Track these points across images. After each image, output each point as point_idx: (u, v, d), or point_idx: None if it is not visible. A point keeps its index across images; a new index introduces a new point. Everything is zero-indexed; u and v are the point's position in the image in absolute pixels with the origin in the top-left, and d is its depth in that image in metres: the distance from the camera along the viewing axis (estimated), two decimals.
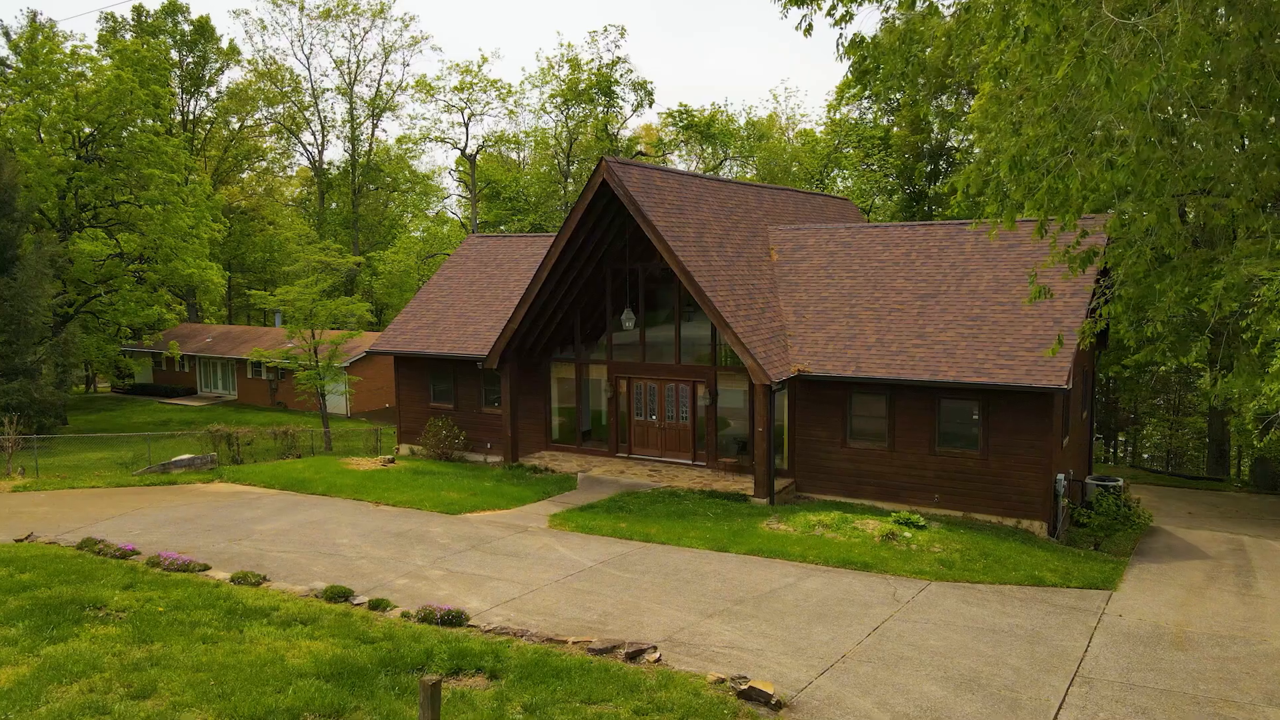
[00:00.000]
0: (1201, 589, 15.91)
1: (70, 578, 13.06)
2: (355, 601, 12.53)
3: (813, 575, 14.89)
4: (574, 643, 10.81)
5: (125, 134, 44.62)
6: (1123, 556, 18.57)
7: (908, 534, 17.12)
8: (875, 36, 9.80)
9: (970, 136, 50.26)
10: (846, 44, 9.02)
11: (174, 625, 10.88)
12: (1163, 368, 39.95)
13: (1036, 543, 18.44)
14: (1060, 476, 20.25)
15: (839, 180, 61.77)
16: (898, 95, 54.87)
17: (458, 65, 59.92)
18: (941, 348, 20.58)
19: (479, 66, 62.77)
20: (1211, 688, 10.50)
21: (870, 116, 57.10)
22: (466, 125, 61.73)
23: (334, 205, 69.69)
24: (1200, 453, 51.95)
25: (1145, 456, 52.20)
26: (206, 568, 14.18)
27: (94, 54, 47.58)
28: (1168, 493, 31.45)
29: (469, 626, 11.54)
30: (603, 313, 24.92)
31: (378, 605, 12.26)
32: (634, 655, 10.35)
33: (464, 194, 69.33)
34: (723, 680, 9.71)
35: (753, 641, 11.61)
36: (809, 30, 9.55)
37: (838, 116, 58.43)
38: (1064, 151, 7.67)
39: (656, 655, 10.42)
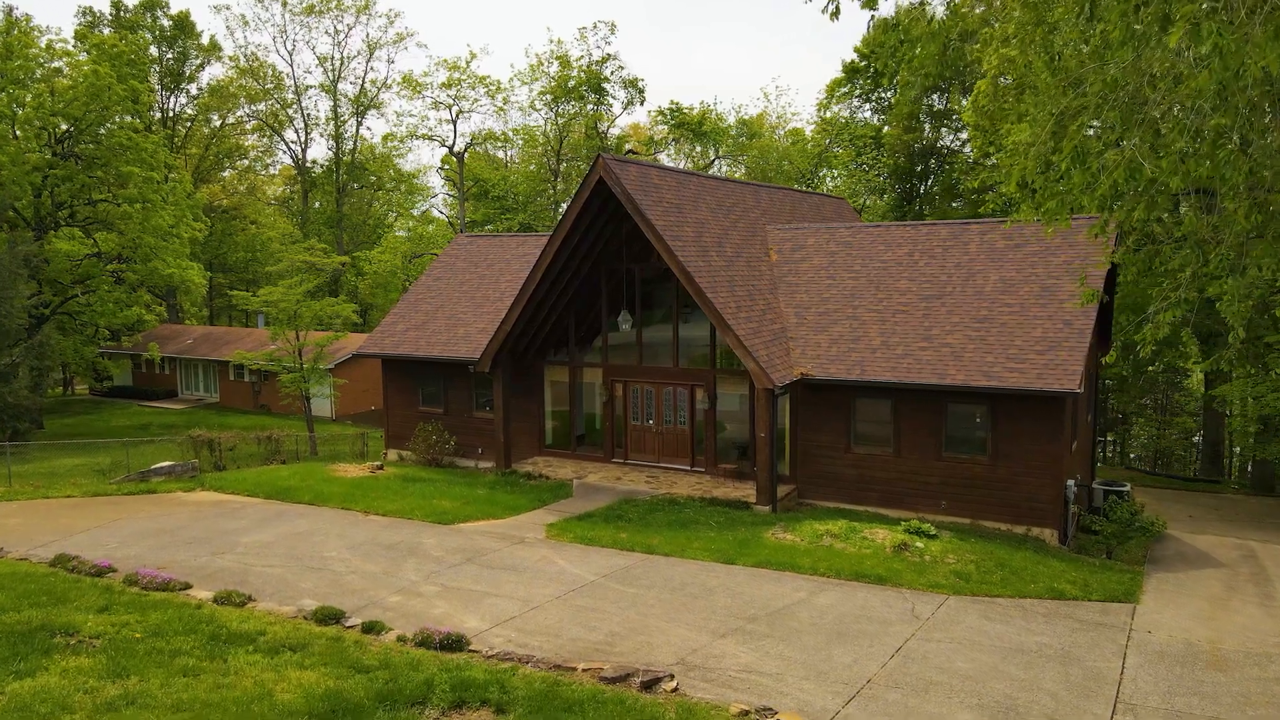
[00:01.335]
0: (1224, 601, 15.41)
1: (41, 599, 12.25)
2: (347, 624, 11.79)
3: (826, 589, 14.27)
4: (584, 670, 10.12)
5: (103, 131, 43.48)
6: (1137, 565, 18.07)
7: (920, 544, 16.53)
8: (908, 20, 9.12)
9: (963, 135, 49.97)
10: (875, 25, 8.34)
11: (152, 655, 10.09)
12: (1150, 368, 39.61)
13: (1049, 552, 17.90)
14: (1070, 482, 19.74)
15: (828, 180, 61.32)
16: (888, 93, 54.60)
17: (445, 61, 59.04)
18: (949, 350, 20.01)
19: (467, 63, 61.83)
20: (1261, 713, 9.94)
21: (862, 116, 56.68)
22: (454, 122, 60.60)
23: (317, 204, 68.59)
24: (1187, 453, 51.78)
25: (1132, 456, 52.00)
26: (188, 586, 13.39)
27: (70, 49, 46.40)
28: (1164, 495, 31.08)
29: (470, 651, 10.83)
30: (598, 314, 24.24)
31: (371, 628, 11.52)
32: (649, 684, 9.67)
33: (451, 193, 68.38)
34: (747, 712, 9.06)
35: (770, 664, 10.96)
36: (836, 14, 8.90)
37: (828, 115, 57.96)
38: (1122, 143, 7.04)
39: (674, 684, 9.75)
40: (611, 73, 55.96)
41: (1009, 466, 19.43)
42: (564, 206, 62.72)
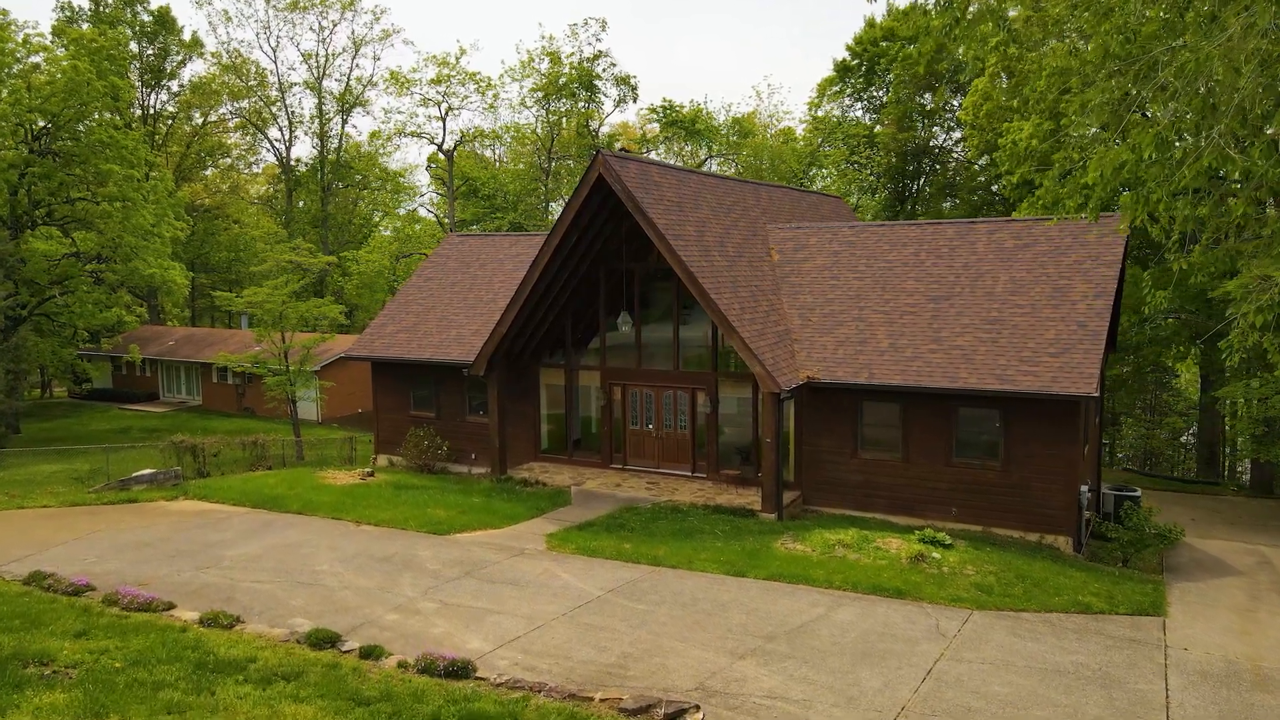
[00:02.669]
0: (1251, 612, 14.91)
1: (13, 623, 11.44)
2: (344, 648, 11.05)
3: (843, 604, 13.65)
4: (601, 700, 9.44)
5: (81, 127, 42.28)
6: (1153, 574, 17.57)
7: (936, 554, 15.94)
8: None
9: (955, 135, 49.64)
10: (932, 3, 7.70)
11: (134, 688, 9.31)
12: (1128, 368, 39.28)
13: (1066, 560, 17.37)
14: (1084, 488, 19.23)
15: (818, 180, 60.84)
16: (881, 91, 54.22)
17: (434, 57, 57.75)
18: (959, 353, 19.46)
19: (457, 59, 60.80)
20: None
21: (853, 115, 56.26)
22: (444, 119, 59.46)
23: (301, 204, 67.44)
24: (1175, 453, 51.59)
25: (1120, 456, 51.80)
26: (171, 606, 12.62)
27: (48, 43, 45.20)
28: (1164, 498, 30.67)
29: (477, 679, 10.12)
30: (595, 315, 23.55)
31: (370, 653, 10.79)
32: (674, 716, 9.01)
33: (439, 191, 67.42)
34: None
35: (796, 689, 10.32)
36: None
37: (820, 114, 57.50)
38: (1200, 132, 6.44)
39: (700, 716, 9.08)
40: (603, 70, 55.23)
41: (1022, 472, 18.89)
42: (555, 205, 61.99)
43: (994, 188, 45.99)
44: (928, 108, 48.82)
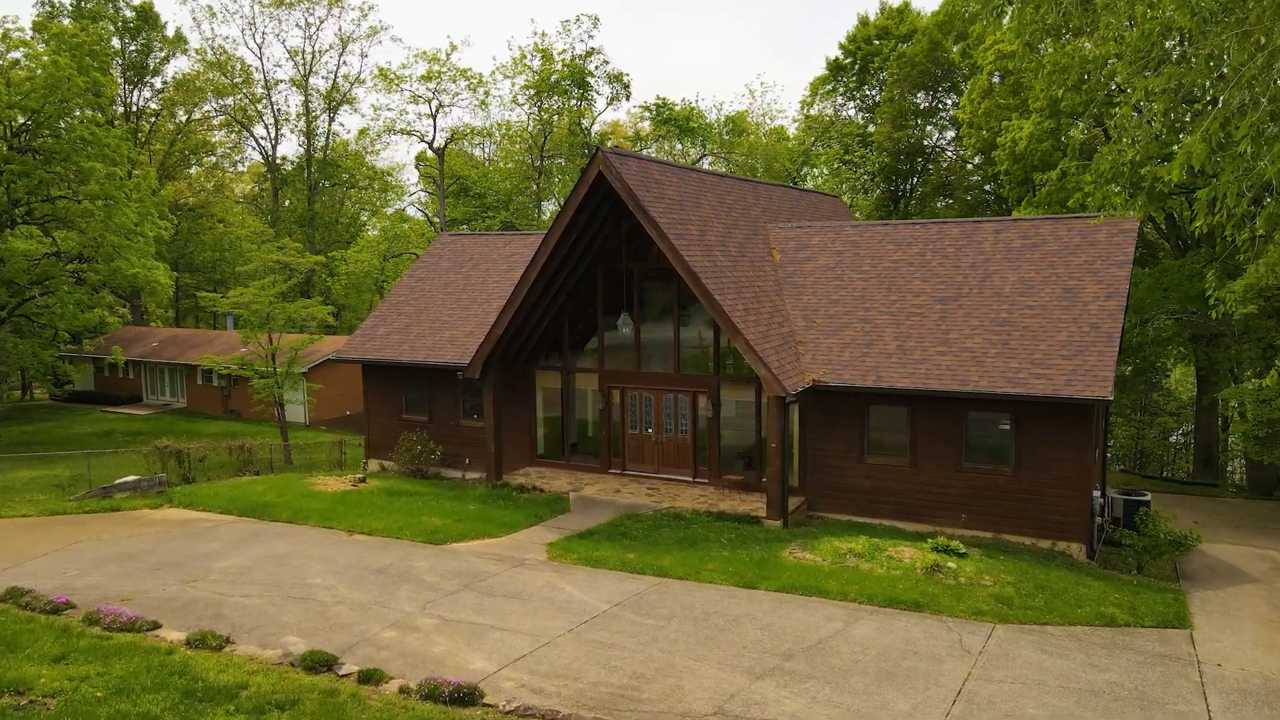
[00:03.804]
0: (1276, 623, 14.46)
1: None
2: (341, 671, 10.42)
3: (861, 618, 13.12)
4: None
5: (63, 124, 41.30)
6: (1170, 581, 17.15)
7: (951, 564, 15.43)
8: None
9: (949, 134, 49.34)
10: None
11: None
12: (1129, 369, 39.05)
13: (1081, 568, 16.92)
14: (1096, 493, 18.79)
15: (809, 179, 60.42)
16: (874, 90, 53.91)
17: (424, 53, 56.60)
18: (969, 355, 18.98)
19: (448, 55, 59.87)
20: None
21: (846, 113, 55.91)
22: (434, 117, 58.60)
23: (288, 203, 66.45)
24: (1166, 453, 51.46)
25: (1110, 456, 51.59)
26: (156, 625, 11.95)
27: (28, 39, 44.19)
28: (1163, 499, 30.31)
29: (485, 705, 9.53)
30: (593, 316, 22.96)
31: (369, 677, 10.17)
32: None
33: (428, 190, 66.59)
34: None
35: (821, 714, 9.78)
36: None
37: (813, 113, 57.10)
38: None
39: None
40: (596, 67, 54.57)
41: (1033, 477, 18.43)
42: (547, 204, 61.27)
43: (988, 187, 45.73)
44: (921, 106, 48.48)
